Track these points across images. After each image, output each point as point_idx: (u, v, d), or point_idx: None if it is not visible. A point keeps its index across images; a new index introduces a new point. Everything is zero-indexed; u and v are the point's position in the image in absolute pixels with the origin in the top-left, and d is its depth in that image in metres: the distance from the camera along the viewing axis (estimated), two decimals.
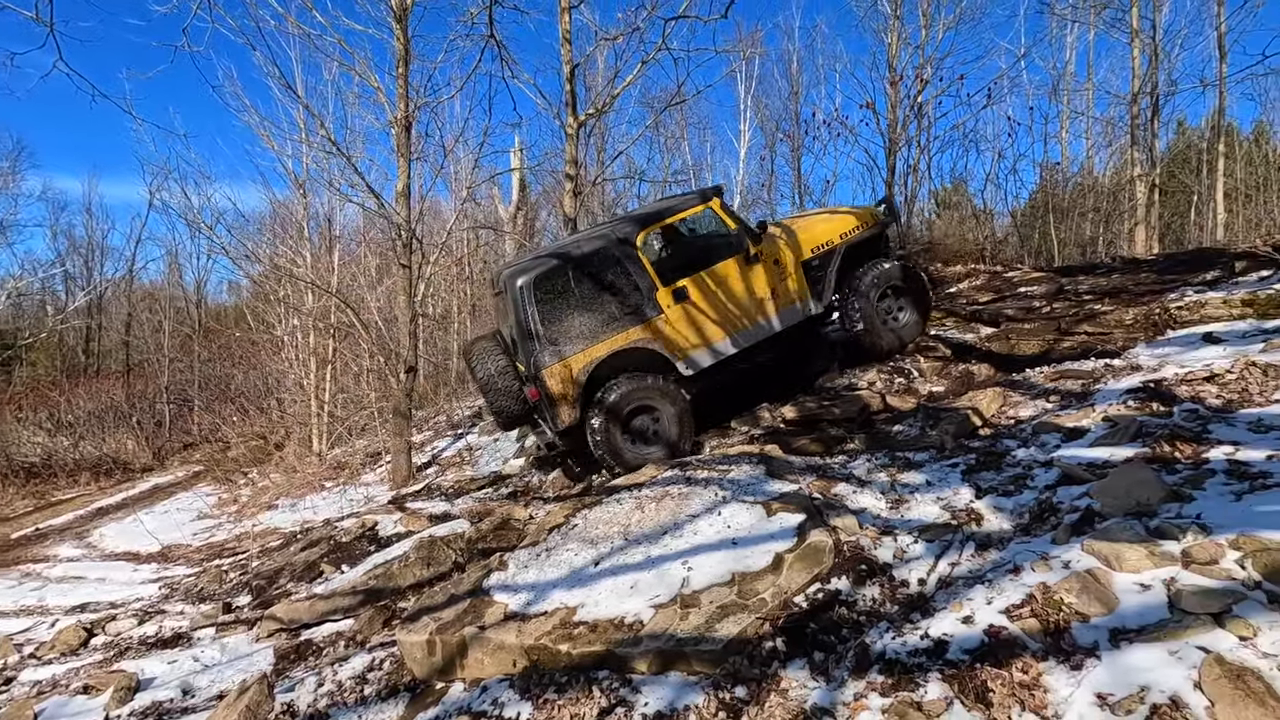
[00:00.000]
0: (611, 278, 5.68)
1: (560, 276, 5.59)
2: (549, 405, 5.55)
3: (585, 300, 5.60)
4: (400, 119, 9.31)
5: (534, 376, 5.53)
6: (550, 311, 5.52)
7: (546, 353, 5.50)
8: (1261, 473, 2.79)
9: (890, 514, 3.37)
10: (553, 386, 5.51)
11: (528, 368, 5.54)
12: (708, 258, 6.07)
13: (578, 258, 5.67)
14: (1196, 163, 19.52)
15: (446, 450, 10.76)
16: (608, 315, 5.65)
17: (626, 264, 5.72)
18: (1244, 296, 4.86)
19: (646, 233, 5.95)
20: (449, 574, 4.54)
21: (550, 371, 5.50)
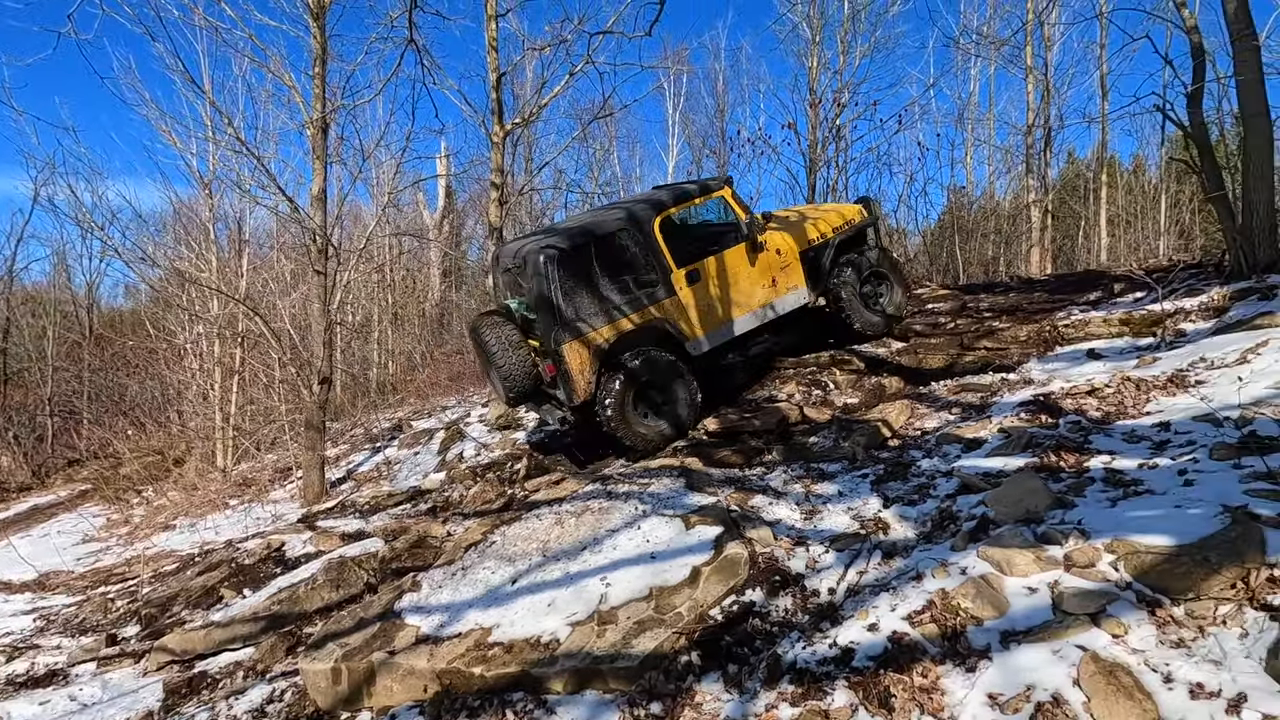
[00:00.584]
0: (630, 257, 5.74)
1: (584, 253, 5.58)
2: (565, 381, 5.50)
3: (605, 278, 5.63)
4: (317, 120, 8.94)
5: (553, 351, 5.45)
6: (572, 287, 5.50)
7: (567, 328, 5.45)
8: (1134, 480, 3.03)
9: (804, 524, 3.46)
10: (571, 362, 5.46)
11: (546, 342, 5.49)
12: (717, 244, 6.29)
13: (600, 235, 5.68)
14: (1084, 190, 21.19)
15: (363, 465, 10.35)
16: (626, 294, 5.69)
17: (645, 244, 5.80)
18: (1121, 316, 5.29)
19: (664, 215, 6.03)
20: (360, 596, 4.35)
21: (570, 347, 5.44)
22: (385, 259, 18.47)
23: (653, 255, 5.80)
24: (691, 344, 5.91)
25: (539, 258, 5.44)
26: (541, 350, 5.64)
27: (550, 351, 5.49)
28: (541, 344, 5.60)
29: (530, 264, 5.54)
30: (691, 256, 6.08)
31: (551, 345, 5.46)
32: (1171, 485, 2.88)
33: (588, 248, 5.59)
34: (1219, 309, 4.76)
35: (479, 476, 7.21)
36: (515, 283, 6.08)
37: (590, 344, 5.50)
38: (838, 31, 15.61)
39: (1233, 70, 5.14)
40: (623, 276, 5.69)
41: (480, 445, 8.48)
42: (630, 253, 5.74)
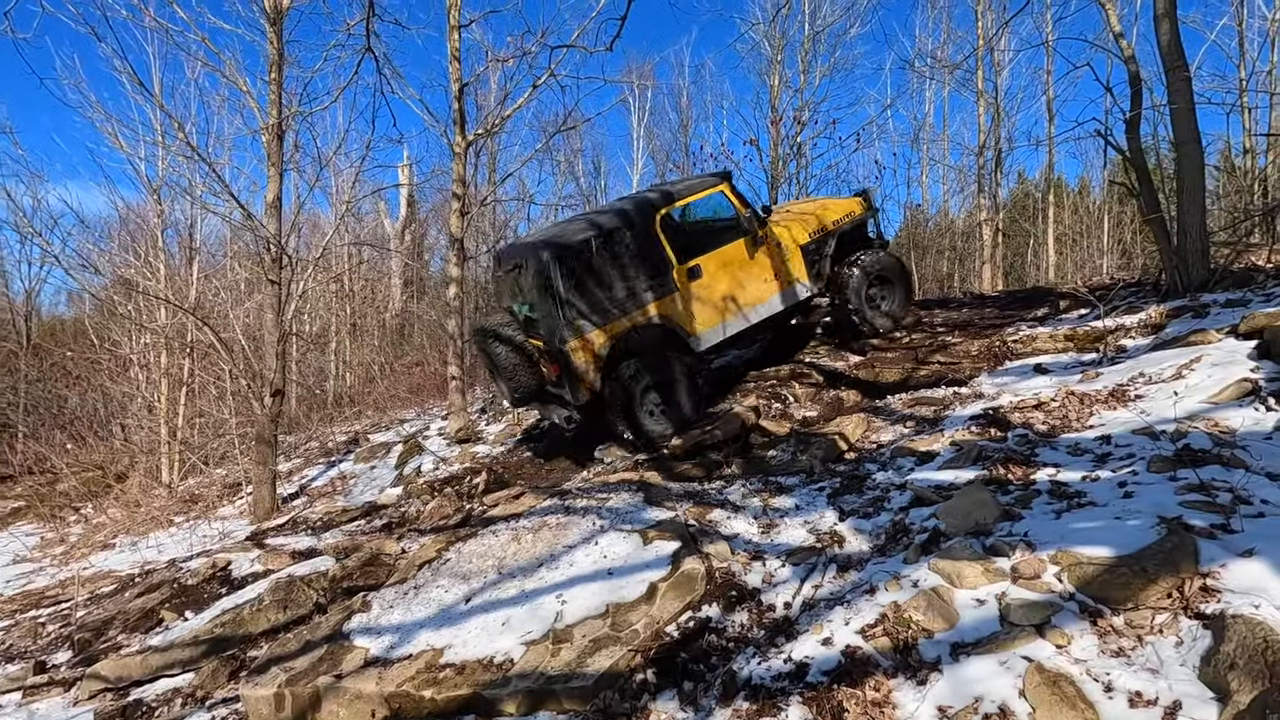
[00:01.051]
0: (632, 254, 5.73)
1: (586, 251, 5.56)
2: (571, 380, 5.47)
3: (607, 275, 5.62)
4: (272, 126, 8.75)
5: (557, 351, 5.43)
6: (575, 285, 5.48)
7: (571, 328, 5.44)
8: (1077, 492, 3.11)
9: (761, 539, 3.48)
10: (576, 361, 5.44)
11: (550, 342, 5.46)
12: (718, 239, 6.29)
13: (602, 233, 5.66)
14: (1033, 210, 21.98)
15: (318, 479, 10.07)
16: (628, 291, 5.68)
17: (646, 240, 5.80)
18: (1066, 332, 5.47)
19: (666, 210, 6.02)
20: (309, 617, 4.20)
21: (573, 346, 5.43)
22: (344, 268, 18.10)
23: (654, 252, 5.81)
24: (694, 340, 5.98)
25: (542, 257, 5.41)
26: (545, 351, 5.60)
27: (555, 351, 5.46)
28: (545, 344, 5.57)
29: (533, 264, 5.51)
30: (692, 252, 6.09)
31: (556, 345, 5.43)
32: (1112, 497, 2.97)
33: (589, 246, 5.58)
34: (1157, 326, 4.96)
35: (436, 491, 7.07)
36: (516, 285, 6.03)
37: (594, 343, 5.51)
38: (799, 51, 15.97)
39: (1167, 99, 5.40)
40: (625, 274, 5.70)
41: (439, 459, 8.33)
42: (632, 250, 5.75)
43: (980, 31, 14.51)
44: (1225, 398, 3.59)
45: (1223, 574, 2.30)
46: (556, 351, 5.45)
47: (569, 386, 5.54)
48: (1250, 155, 13.61)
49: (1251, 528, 2.50)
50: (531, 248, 5.68)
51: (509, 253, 6.28)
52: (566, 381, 5.52)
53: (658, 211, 5.93)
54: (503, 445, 8.17)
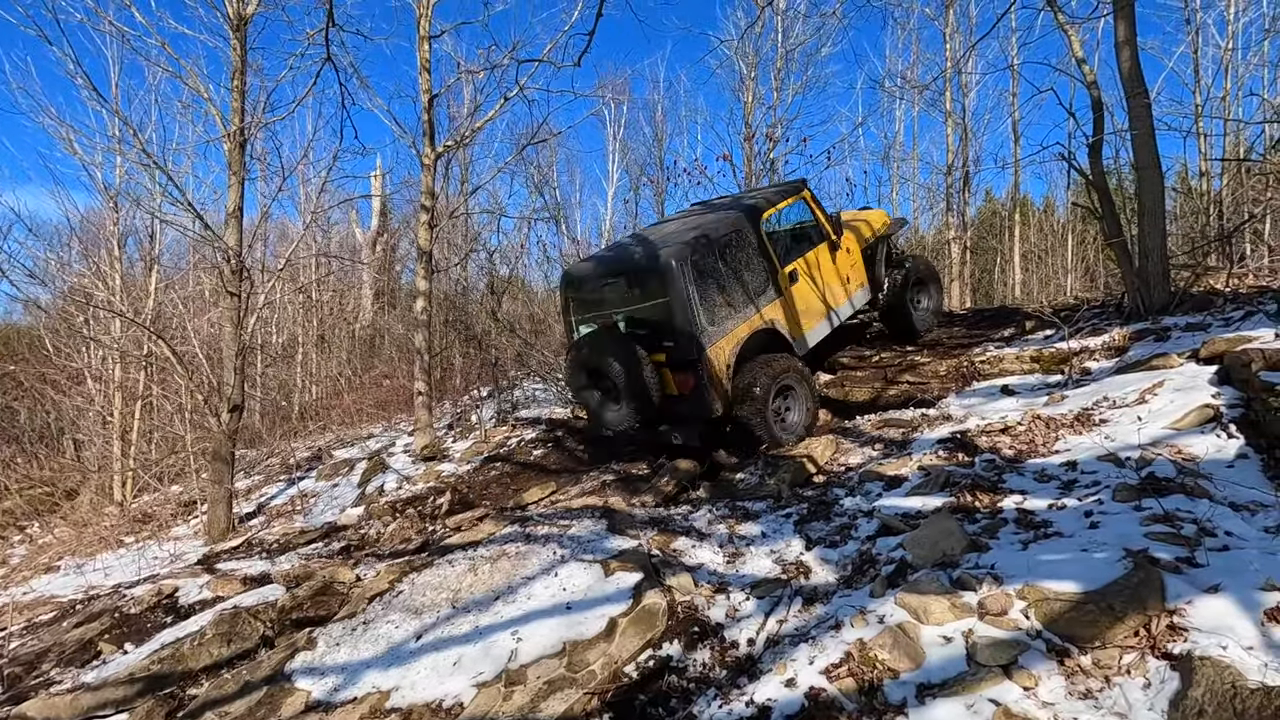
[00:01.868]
0: (745, 259, 5.67)
1: (709, 256, 5.46)
2: (706, 391, 5.23)
3: (729, 279, 5.53)
4: (234, 134, 8.53)
5: (693, 362, 5.21)
6: (703, 292, 5.32)
7: (706, 336, 5.24)
8: (1044, 521, 3.07)
9: (726, 569, 3.38)
10: (713, 370, 5.26)
11: (685, 352, 5.23)
12: (803, 245, 6.39)
13: (719, 237, 5.57)
14: (1000, 228, 22.42)
15: (277, 497, 9.75)
16: (745, 296, 5.60)
17: (755, 245, 5.77)
18: (1032, 353, 5.49)
19: (767, 215, 6.04)
20: (254, 651, 3.99)
21: (710, 355, 5.26)
22: (310, 279, 17.73)
23: (762, 256, 5.79)
24: (797, 343, 5.96)
25: (671, 264, 5.22)
26: (673, 363, 5.34)
27: (689, 363, 5.24)
28: (673, 356, 5.32)
29: (654, 271, 5.31)
30: (786, 258, 6.13)
31: (693, 354, 5.22)
32: (1078, 527, 2.94)
33: (712, 251, 5.49)
34: (1120, 348, 4.99)
35: (399, 512, 6.87)
36: (617, 297, 5.77)
37: (725, 350, 5.38)
38: (771, 69, 16.12)
39: (1128, 124, 5.49)
40: (742, 278, 5.63)
41: (403, 478, 8.11)
42: (744, 254, 5.69)
43: (948, 54, 14.79)
44: (1188, 424, 3.59)
45: (1189, 611, 2.26)
46: (691, 362, 5.23)
47: (704, 398, 5.28)
48: (1206, 178, 14.01)
49: (1217, 561, 2.47)
50: (650, 257, 5.45)
51: (605, 263, 5.98)
52: (701, 393, 5.26)
53: (762, 215, 5.94)
54: (469, 464, 7.98)
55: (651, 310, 5.40)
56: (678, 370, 5.29)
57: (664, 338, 5.33)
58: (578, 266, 6.37)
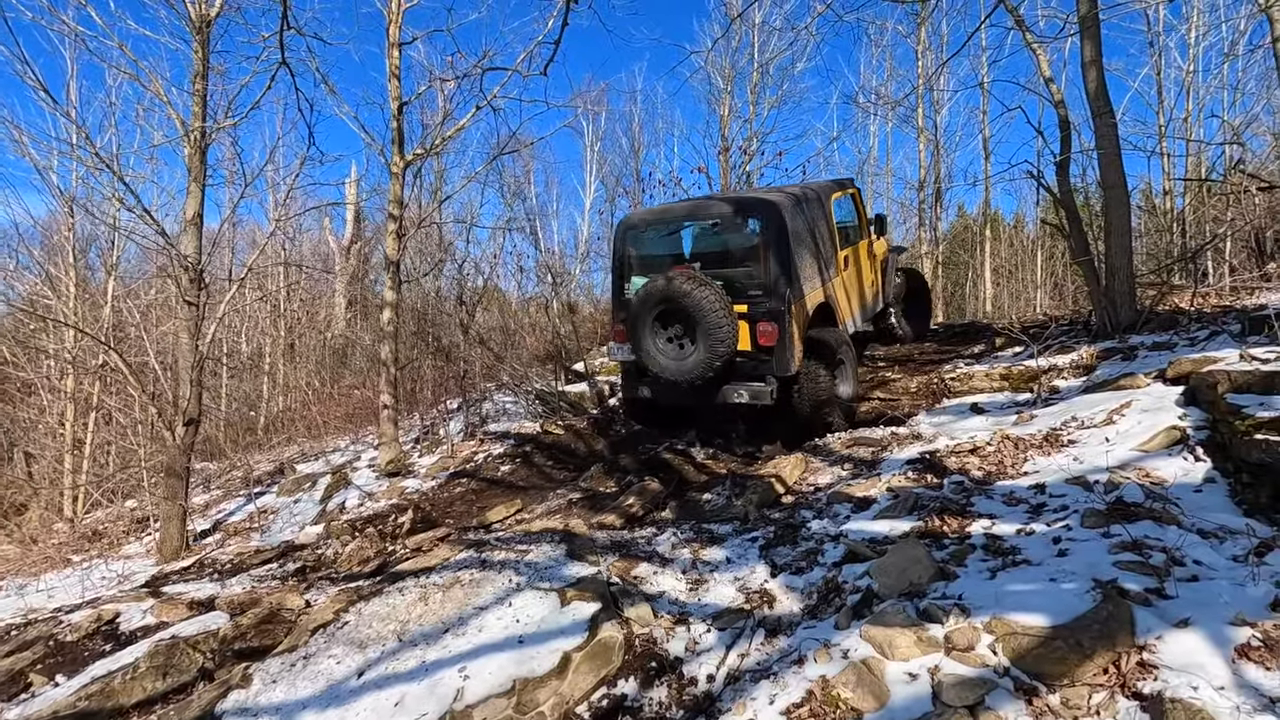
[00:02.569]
0: (821, 230, 5.81)
1: (804, 215, 5.55)
2: (784, 348, 5.14)
3: (811, 244, 5.59)
4: (195, 139, 8.28)
5: (781, 313, 5.10)
6: (797, 246, 5.31)
7: (795, 288, 5.19)
8: (1012, 548, 2.99)
9: (689, 597, 3.25)
10: (795, 327, 5.19)
11: (777, 301, 5.12)
12: (848, 238, 6.53)
13: (811, 200, 5.67)
14: (972, 242, 22.75)
15: (236, 514, 9.42)
16: (820, 264, 5.67)
17: (827, 222, 5.93)
18: (1002, 371, 5.47)
19: (834, 199, 6.21)
20: (192, 685, 3.76)
21: (795, 309, 5.20)
22: (278, 288, 17.35)
23: (830, 234, 5.93)
24: (844, 325, 6.07)
25: (779, 210, 5.20)
26: (757, 314, 5.19)
27: (776, 314, 5.11)
28: (757, 305, 5.19)
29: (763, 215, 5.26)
30: (844, 243, 6.29)
31: (784, 304, 5.10)
32: (1047, 555, 2.86)
33: (806, 211, 5.58)
34: (1088, 367, 4.99)
35: (358, 531, 6.63)
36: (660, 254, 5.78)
37: (805, 309, 5.34)
38: (747, 82, 16.20)
39: (1095, 144, 5.52)
40: (818, 247, 5.69)
41: (365, 494, 7.87)
42: (820, 224, 5.80)
43: (920, 71, 14.98)
44: (1155, 446, 3.56)
45: (1159, 647, 2.18)
46: (779, 313, 5.10)
47: (779, 354, 5.13)
48: (1169, 197, 14.32)
49: (1186, 593, 2.41)
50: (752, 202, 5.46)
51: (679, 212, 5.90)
52: (779, 349, 5.11)
53: (831, 197, 6.11)
54: (434, 480, 7.77)
55: (739, 258, 5.33)
56: (761, 320, 5.15)
57: (751, 288, 5.24)
58: (640, 214, 6.17)
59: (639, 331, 5.46)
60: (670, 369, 5.33)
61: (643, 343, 5.46)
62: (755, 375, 5.35)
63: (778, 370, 5.20)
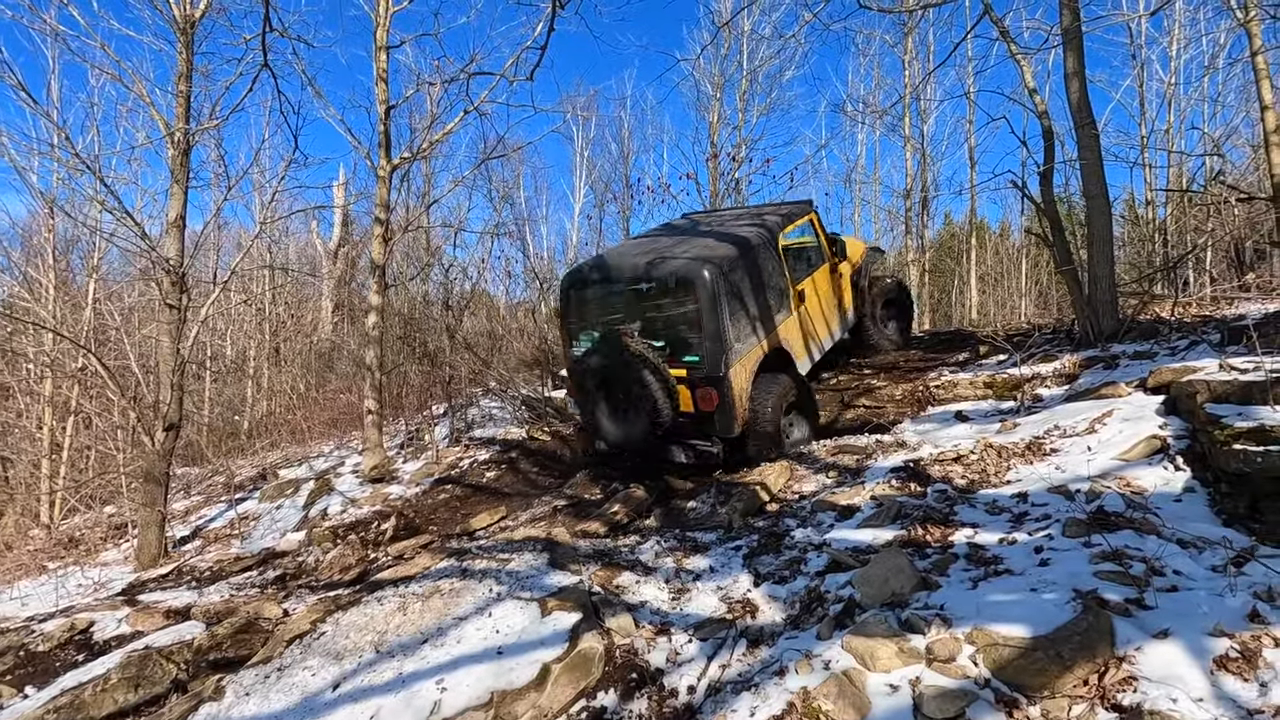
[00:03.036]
0: (765, 274, 5.54)
1: (740, 269, 5.31)
2: (729, 409, 5.04)
3: (753, 296, 5.40)
4: (178, 140, 8.20)
5: (719, 378, 4.99)
6: (730, 305, 5.13)
7: (733, 350, 5.06)
8: (994, 557, 2.99)
9: (671, 606, 3.22)
10: (735, 387, 5.04)
11: (714, 368, 5.00)
12: (808, 266, 6.38)
13: (749, 249, 5.43)
14: (958, 250, 22.93)
15: (216, 520, 9.29)
16: (765, 313, 5.48)
17: (775, 260, 5.67)
18: (986, 379, 5.49)
19: (785, 231, 5.98)
20: (165, 697, 3.68)
21: (735, 371, 5.06)
22: (263, 291, 17.19)
23: (779, 275, 5.70)
24: (800, 364, 5.83)
25: (706, 275, 5.01)
26: (696, 380, 5.08)
27: (714, 380, 5.01)
28: (694, 372, 5.08)
29: (688, 282, 5.08)
30: (796, 277, 6.07)
31: (721, 371, 4.99)
32: (1028, 564, 2.86)
33: (742, 264, 5.33)
34: (1070, 375, 5.02)
35: (340, 538, 6.56)
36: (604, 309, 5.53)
37: (748, 367, 5.20)
38: (736, 90, 16.27)
39: (1078, 153, 5.57)
40: (763, 295, 5.50)
41: (348, 500, 7.78)
42: (767, 270, 5.56)
43: (906, 80, 15.11)
44: (1136, 455, 3.57)
45: (1139, 658, 2.18)
46: (717, 379, 4.99)
47: (724, 416, 5.07)
48: (1151, 207, 14.50)
49: (1166, 603, 2.41)
50: (681, 266, 5.18)
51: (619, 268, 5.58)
52: (723, 411, 5.05)
53: (780, 233, 5.88)
54: (418, 486, 7.70)
55: (677, 322, 5.16)
56: (701, 386, 5.06)
57: (686, 352, 5.13)
58: (584, 269, 5.98)
59: (583, 398, 5.50)
60: (615, 435, 5.37)
61: (587, 409, 5.51)
62: (703, 435, 5.35)
63: (722, 432, 5.19)
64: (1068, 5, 5.56)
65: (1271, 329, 4.07)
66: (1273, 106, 9.32)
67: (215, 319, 19.58)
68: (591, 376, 5.33)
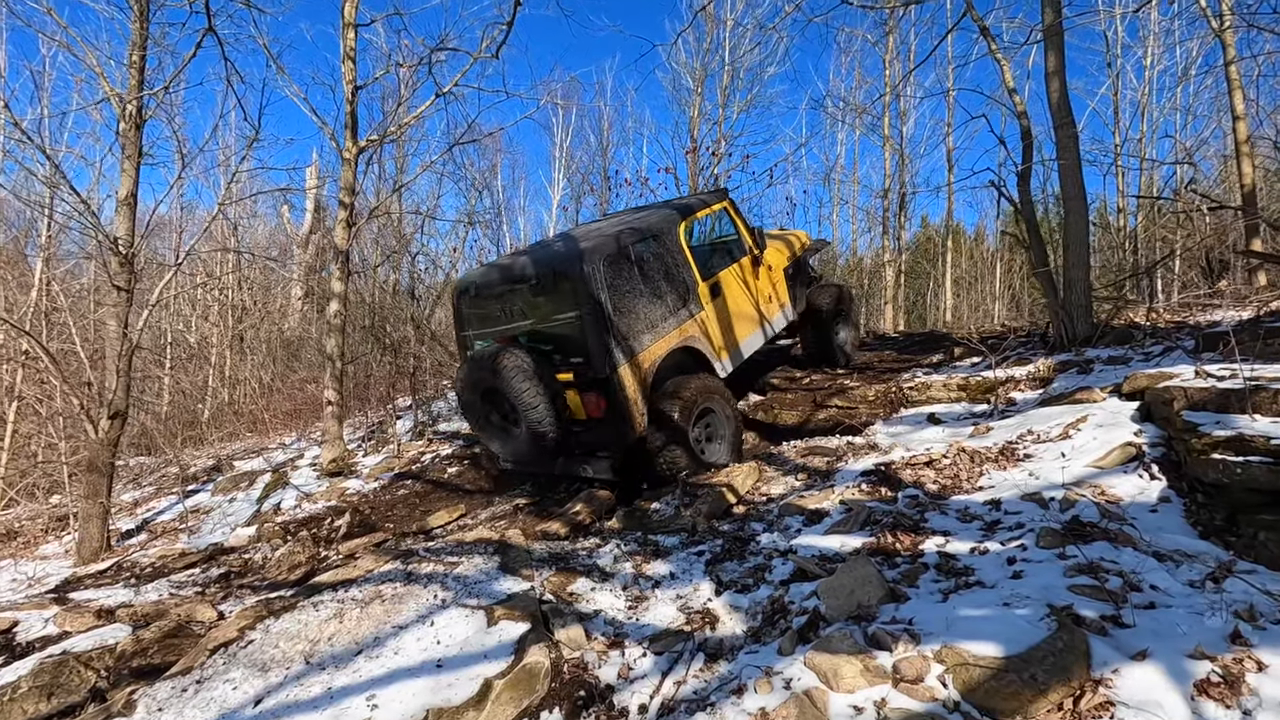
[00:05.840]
0: (664, 266, 5.20)
1: (626, 260, 4.92)
2: (622, 415, 4.63)
3: (645, 289, 5.00)
4: (130, 114, 7.79)
5: (605, 380, 4.59)
6: (620, 299, 4.75)
7: (621, 349, 4.69)
8: (965, 568, 2.86)
9: (627, 616, 3.03)
10: (626, 390, 4.65)
11: (598, 368, 4.59)
12: (725, 258, 6.00)
13: (639, 240, 5.06)
14: (934, 253, 23.08)
15: (166, 512, 8.91)
16: (664, 308, 5.10)
17: (676, 252, 5.33)
18: (959, 381, 5.39)
19: (688, 222, 5.59)
20: (82, 707, 3.41)
21: (625, 372, 4.66)
22: (225, 274, 16.65)
23: (682, 267, 5.35)
24: (719, 364, 5.49)
25: (582, 266, 4.61)
26: (583, 382, 4.68)
27: (600, 381, 4.60)
28: (581, 374, 4.68)
29: (563, 276, 4.68)
30: (707, 271, 5.70)
31: (605, 371, 4.60)
32: (1001, 576, 2.72)
33: (629, 254, 4.97)
34: (1044, 379, 4.93)
35: (291, 535, 6.27)
36: (518, 308, 5.06)
37: (643, 367, 4.82)
38: (718, 84, 16.11)
39: (1056, 154, 5.49)
40: (659, 288, 5.12)
41: (303, 495, 7.47)
42: (664, 262, 5.24)
43: (887, 79, 15.08)
44: (1110, 462, 3.47)
45: (1116, 682, 2.04)
46: (603, 380, 4.60)
47: (618, 423, 4.66)
48: (1123, 214, 14.66)
49: (1143, 621, 2.28)
50: (558, 258, 4.81)
51: (505, 270, 5.16)
52: (616, 417, 4.65)
53: (682, 222, 5.50)
54: (377, 481, 7.42)
55: (559, 322, 4.77)
56: (587, 391, 4.67)
57: (572, 354, 4.73)
58: (473, 273, 5.60)
59: (470, 416, 5.12)
60: (505, 451, 5.03)
61: (475, 424, 5.14)
62: (597, 446, 4.94)
63: (615, 442, 4.76)
64: (1049, 3, 5.47)
65: (1248, 336, 4.00)
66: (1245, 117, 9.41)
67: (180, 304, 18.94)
68: (472, 389, 4.94)
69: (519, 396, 4.59)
